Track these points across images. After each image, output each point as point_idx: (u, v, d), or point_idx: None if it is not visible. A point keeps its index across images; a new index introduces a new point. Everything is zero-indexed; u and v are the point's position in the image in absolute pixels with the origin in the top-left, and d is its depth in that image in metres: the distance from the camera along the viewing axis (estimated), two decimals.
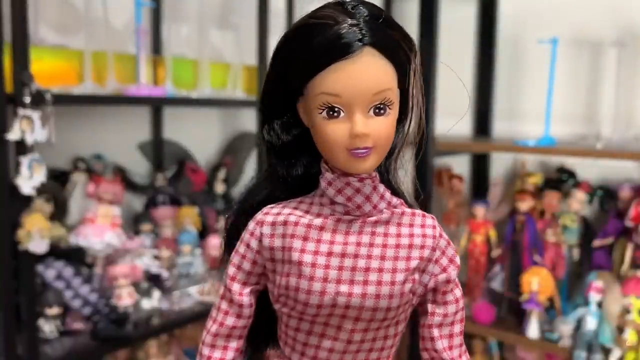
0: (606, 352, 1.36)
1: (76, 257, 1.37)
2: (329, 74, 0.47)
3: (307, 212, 0.54)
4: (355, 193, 0.52)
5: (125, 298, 1.37)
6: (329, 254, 0.51)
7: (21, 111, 1.09)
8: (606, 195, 1.54)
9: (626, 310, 1.36)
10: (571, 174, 1.61)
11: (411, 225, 0.54)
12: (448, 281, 0.55)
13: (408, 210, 0.55)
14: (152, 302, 1.44)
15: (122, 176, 1.58)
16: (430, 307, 0.55)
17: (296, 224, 0.53)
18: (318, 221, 0.52)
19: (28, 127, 1.10)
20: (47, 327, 1.26)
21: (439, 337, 0.55)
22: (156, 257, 1.54)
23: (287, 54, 0.49)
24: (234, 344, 0.56)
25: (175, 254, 1.60)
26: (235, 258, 0.55)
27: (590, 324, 1.39)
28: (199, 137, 1.86)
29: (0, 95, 1.07)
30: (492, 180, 1.79)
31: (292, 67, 0.49)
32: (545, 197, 1.55)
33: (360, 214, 0.53)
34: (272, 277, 0.54)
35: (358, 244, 0.52)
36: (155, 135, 1.73)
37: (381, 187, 0.54)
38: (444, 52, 1.52)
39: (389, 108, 0.50)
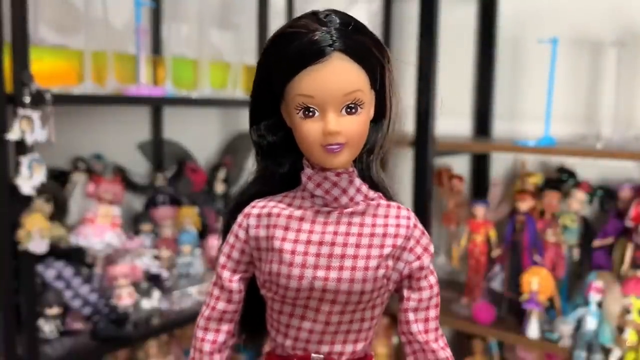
0: (606, 352, 1.36)
1: (76, 257, 1.37)
2: (303, 77, 0.52)
3: (289, 204, 0.59)
4: (333, 186, 0.57)
5: (125, 298, 1.37)
6: (308, 242, 0.56)
7: (21, 111, 1.09)
8: (606, 195, 1.54)
9: (626, 310, 1.36)
10: (571, 174, 1.61)
11: (386, 216, 0.58)
12: (421, 268, 0.59)
13: (384, 202, 0.60)
14: (152, 302, 1.44)
15: (122, 176, 1.58)
16: (405, 292, 0.60)
17: (278, 215, 0.58)
18: (298, 212, 0.57)
19: (28, 127, 1.10)
20: (47, 327, 1.26)
21: (414, 320, 0.59)
22: (156, 257, 1.55)
23: (267, 60, 0.55)
24: (225, 327, 0.61)
25: (175, 254, 1.60)
26: (225, 248, 0.61)
27: (590, 324, 1.39)
28: (199, 137, 1.86)
29: (0, 95, 1.07)
30: (492, 180, 1.79)
31: (272, 71, 0.54)
32: (545, 197, 1.55)
33: (337, 206, 0.57)
34: (258, 265, 0.59)
35: (335, 233, 0.56)
36: (155, 135, 1.73)
37: (357, 181, 0.58)
38: (444, 52, 1.52)
39: (360, 107, 0.55)
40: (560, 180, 1.59)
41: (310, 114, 0.54)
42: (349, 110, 0.54)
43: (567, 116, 1.64)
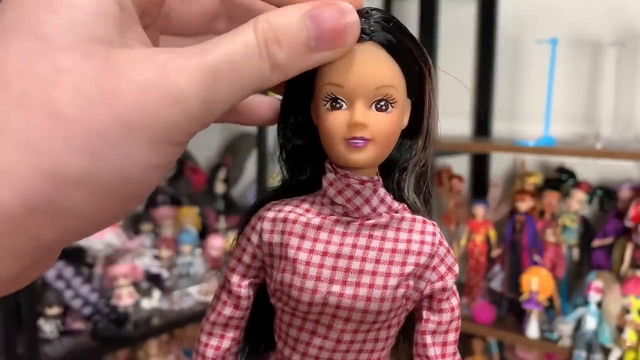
0: (606, 352, 1.36)
1: (76, 257, 1.37)
2: (334, 64, 0.48)
3: (307, 210, 0.54)
4: (355, 195, 0.53)
5: (125, 298, 1.37)
6: (324, 253, 0.52)
7: None
8: (606, 195, 1.55)
9: (626, 310, 1.36)
10: (571, 174, 1.61)
11: (410, 231, 0.54)
12: (444, 289, 0.54)
13: (409, 215, 0.55)
14: (152, 302, 1.45)
15: None
16: (425, 313, 0.55)
17: (294, 221, 0.53)
18: (316, 220, 0.53)
19: None
20: (47, 327, 1.26)
21: (431, 344, 0.55)
22: (156, 257, 1.55)
23: None
24: (230, 334, 0.57)
25: (175, 254, 1.60)
26: (236, 251, 0.56)
27: (590, 323, 1.39)
28: (199, 137, 1.85)
29: None
30: (491, 180, 1.80)
31: None
32: (545, 197, 1.55)
33: (358, 216, 0.53)
34: (270, 272, 0.54)
35: (354, 246, 0.52)
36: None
37: (382, 191, 0.53)
38: (444, 52, 1.53)
39: (391, 106, 0.50)
40: (559, 180, 1.60)
41: (338, 105, 0.50)
42: (379, 106, 0.50)
43: (567, 116, 1.64)
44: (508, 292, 1.56)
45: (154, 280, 1.50)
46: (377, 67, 0.49)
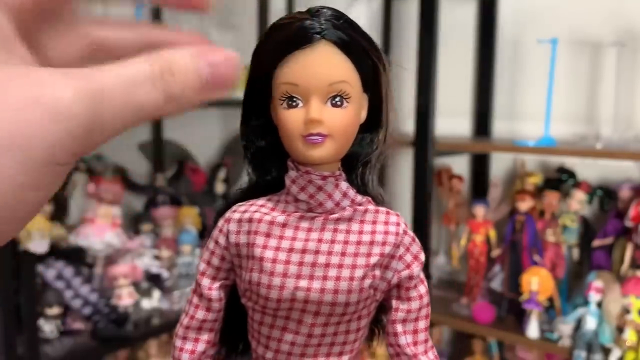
0: (606, 352, 1.36)
1: (76, 257, 1.37)
2: (288, 64, 0.51)
3: (272, 209, 0.56)
4: (318, 191, 0.54)
5: (125, 298, 1.37)
6: (290, 250, 0.53)
7: None
8: (606, 195, 1.54)
9: (626, 310, 1.36)
10: (571, 174, 1.61)
11: (374, 222, 0.55)
12: (411, 277, 0.56)
13: (372, 207, 0.56)
14: (152, 302, 1.45)
15: (123, 176, 1.58)
16: (394, 303, 0.57)
17: (260, 221, 0.54)
18: (281, 218, 0.54)
19: None
20: (47, 327, 1.26)
21: (402, 332, 0.56)
22: (156, 257, 1.55)
23: (256, 54, 0.53)
24: (205, 337, 0.58)
25: (175, 254, 1.60)
26: (205, 254, 0.58)
27: (590, 323, 1.39)
28: (199, 137, 1.86)
29: None
30: (491, 180, 1.80)
31: (261, 64, 0.53)
32: (545, 197, 1.55)
33: (322, 211, 0.54)
34: (239, 272, 0.56)
35: (319, 241, 0.53)
36: (155, 135, 1.73)
37: (344, 185, 0.55)
38: (444, 52, 1.53)
39: (346, 101, 0.52)
40: (560, 180, 1.60)
41: (294, 103, 0.51)
42: (334, 102, 0.51)
43: (567, 116, 1.64)
44: (508, 292, 1.56)
45: (154, 280, 1.50)
46: (330, 65, 0.51)
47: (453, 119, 1.81)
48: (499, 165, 1.82)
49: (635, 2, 1.55)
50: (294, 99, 0.51)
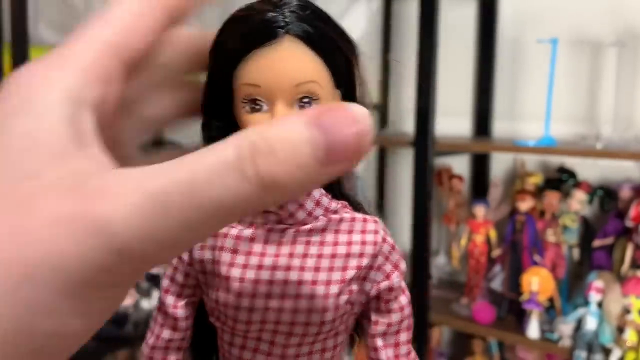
0: (606, 352, 1.36)
1: None
2: (249, 64, 0.45)
3: (239, 222, 0.51)
4: (288, 200, 0.49)
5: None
6: (259, 267, 0.48)
7: None
8: (606, 195, 1.54)
9: (626, 310, 1.36)
10: (571, 174, 1.61)
11: (350, 232, 0.50)
12: (391, 289, 0.51)
13: (348, 215, 0.51)
14: (152, 302, 1.44)
15: None
16: (373, 316, 0.52)
17: (225, 235, 0.49)
18: (248, 232, 0.49)
19: None
20: None
21: (382, 346, 0.52)
22: None
23: (214, 51, 0.46)
24: (172, 357, 0.54)
25: None
26: (168, 270, 0.54)
27: (590, 324, 1.39)
28: (199, 137, 1.86)
29: None
30: (492, 180, 1.79)
31: (220, 61, 0.46)
32: (545, 197, 1.55)
33: (293, 222, 0.49)
34: (205, 290, 0.51)
35: (291, 255, 0.48)
36: (155, 136, 1.73)
37: (317, 193, 0.50)
38: (444, 52, 1.53)
39: (316, 103, 0.46)
40: (560, 180, 1.59)
41: (258, 107, 0.45)
42: (301, 104, 0.45)
43: (567, 116, 1.64)
44: (508, 292, 1.56)
45: (154, 280, 1.50)
46: (296, 63, 0.44)
47: (453, 118, 1.81)
48: (499, 165, 1.82)
49: (635, 2, 1.55)
50: (258, 102, 0.45)
